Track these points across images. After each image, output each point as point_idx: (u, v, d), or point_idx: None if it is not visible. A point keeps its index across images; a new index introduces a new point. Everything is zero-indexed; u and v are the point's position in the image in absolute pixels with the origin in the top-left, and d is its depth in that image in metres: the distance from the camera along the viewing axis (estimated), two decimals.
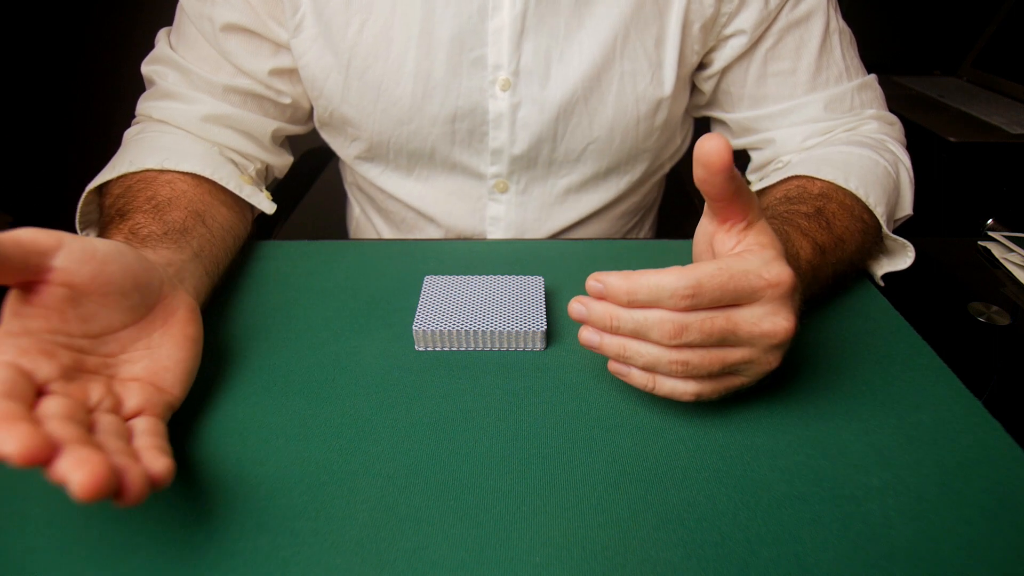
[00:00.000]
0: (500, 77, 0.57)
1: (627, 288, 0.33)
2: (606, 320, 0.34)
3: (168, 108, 0.57)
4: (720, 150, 0.30)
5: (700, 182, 0.32)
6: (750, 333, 0.33)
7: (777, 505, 0.33)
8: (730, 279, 0.32)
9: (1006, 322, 0.63)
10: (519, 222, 0.67)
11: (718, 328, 0.32)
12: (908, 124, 1.17)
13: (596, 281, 0.34)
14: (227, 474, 0.34)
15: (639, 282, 0.32)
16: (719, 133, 0.31)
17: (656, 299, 0.32)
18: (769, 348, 0.34)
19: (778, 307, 0.33)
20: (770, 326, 0.33)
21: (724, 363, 0.34)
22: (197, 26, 0.56)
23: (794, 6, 0.57)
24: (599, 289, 0.34)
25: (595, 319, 0.34)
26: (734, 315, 0.33)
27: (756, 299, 0.33)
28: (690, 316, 0.32)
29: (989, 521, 0.32)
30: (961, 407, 0.39)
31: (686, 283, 0.31)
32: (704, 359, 0.33)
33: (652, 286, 0.32)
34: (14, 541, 0.31)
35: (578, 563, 0.30)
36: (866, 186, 0.51)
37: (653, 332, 0.33)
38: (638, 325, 0.33)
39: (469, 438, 0.37)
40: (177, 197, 0.49)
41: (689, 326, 0.32)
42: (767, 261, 0.33)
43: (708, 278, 0.32)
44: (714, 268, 0.32)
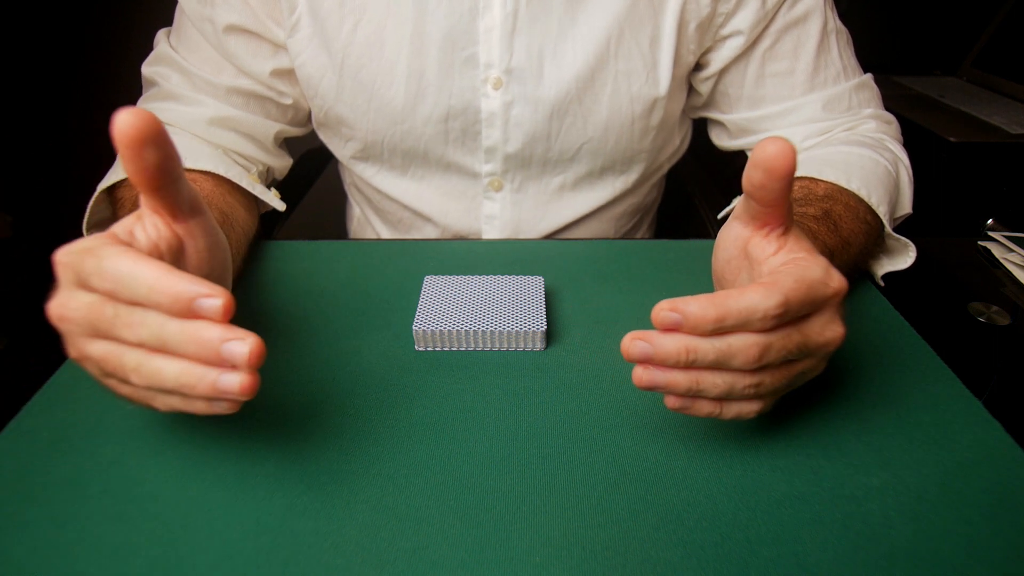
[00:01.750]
0: (492, 76, 0.57)
1: (716, 315, 0.29)
2: (681, 355, 0.29)
3: (172, 110, 0.57)
4: (786, 155, 0.28)
5: (755, 187, 0.30)
6: (817, 344, 0.32)
7: (777, 505, 0.33)
8: (808, 291, 0.30)
9: (1006, 322, 0.63)
10: (514, 220, 0.67)
11: (795, 344, 0.31)
12: (908, 124, 1.18)
13: (671, 311, 0.29)
14: (227, 474, 0.34)
15: (729, 306, 0.29)
16: (783, 137, 0.29)
17: (747, 323, 0.29)
18: (826, 356, 0.33)
19: (835, 314, 0.32)
20: (832, 335, 0.32)
21: (790, 377, 0.32)
22: (198, 28, 0.56)
23: (791, 6, 0.57)
24: (674, 320, 0.29)
25: (667, 356, 0.29)
26: (805, 328, 0.31)
27: (821, 309, 0.32)
28: (772, 336, 0.30)
29: (989, 521, 0.32)
30: (961, 407, 0.39)
31: (776, 301, 0.29)
32: (776, 377, 0.31)
33: (744, 308, 0.29)
34: (14, 541, 0.31)
35: (578, 563, 0.30)
36: (868, 186, 0.51)
37: (737, 359, 0.29)
38: (721, 354, 0.29)
39: (469, 438, 0.37)
40: (208, 196, 0.49)
41: (772, 346, 0.30)
42: (826, 269, 0.32)
43: (793, 293, 0.29)
44: (793, 282, 0.30)
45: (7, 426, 0.37)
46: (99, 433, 0.37)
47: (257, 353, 0.27)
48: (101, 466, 0.35)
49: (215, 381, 0.27)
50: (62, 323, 0.29)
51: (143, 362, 0.28)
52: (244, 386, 0.27)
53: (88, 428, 0.37)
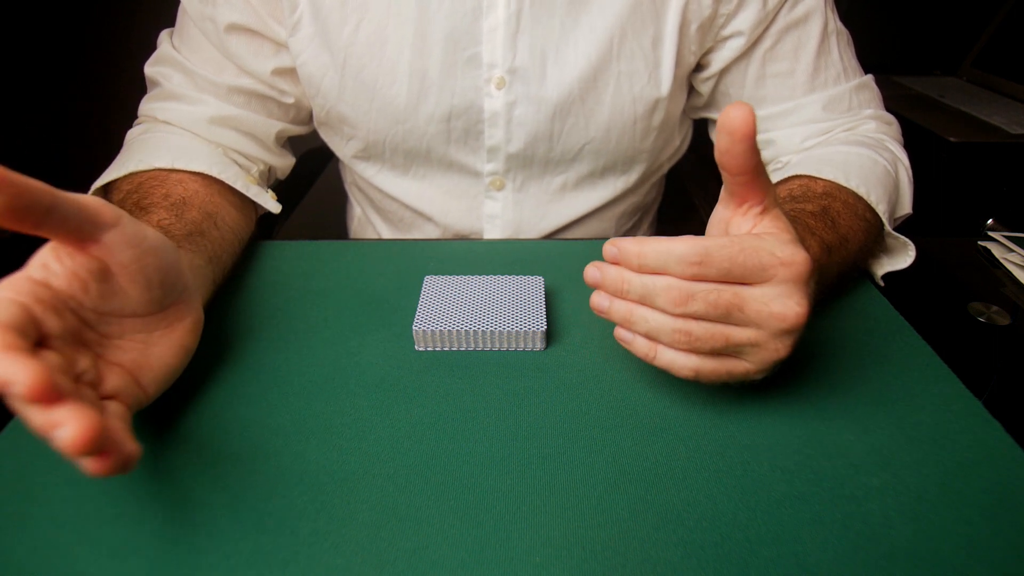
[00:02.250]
0: (495, 75, 0.57)
1: (637, 251, 0.33)
2: (618, 283, 0.34)
3: (173, 109, 0.57)
4: (745, 116, 0.30)
5: (722, 153, 0.32)
6: (758, 312, 0.32)
7: (777, 505, 0.33)
8: (740, 252, 0.32)
9: (1006, 322, 0.63)
10: (516, 220, 0.67)
11: (724, 301, 0.32)
12: (908, 124, 1.17)
13: (612, 245, 0.34)
14: (227, 474, 0.34)
15: (650, 246, 0.33)
16: (744, 102, 0.31)
17: (664, 264, 0.32)
18: (778, 333, 0.33)
19: (791, 290, 0.32)
20: (780, 308, 0.32)
21: (728, 341, 0.33)
22: (200, 27, 0.56)
23: (792, 7, 0.57)
24: (613, 253, 0.34)
25: (607, 283, 0.35)
26: (743, 291, 0.32)
27: (767, 278, 0.32)
28: (697, 285, 0.32)
29: (989, 521, 0.32)
30: (961, 407, 0.39)
31: (695, 250, 0.32)
32: (707, 332, 0.33)
33: (661, 251, 0.32)
34: (14, 541, 0.31)
35: (578, 563, 0.30)
36: (867, 185, 0.51)
37: (659, 298, 0.33)
38: (645, 289, 0.33)
39: (469, 438, 0.37)
40: (191, 197, 0.49)
41: (695, 295, 0.32)
42: (782, 242, 0.33)
43: (718, 248, 0.32)
44: (725, 240, 0.32)
45: (7, 426, 0.37)
46: None
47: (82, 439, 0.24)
48: None
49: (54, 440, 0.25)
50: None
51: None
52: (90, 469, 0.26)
53: None
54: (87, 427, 0.24)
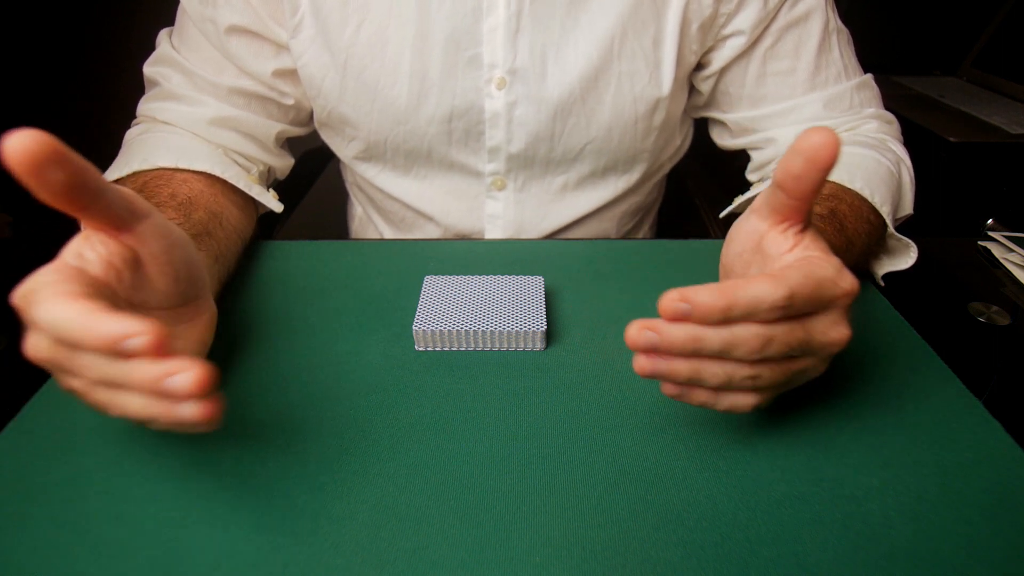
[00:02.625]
0: (496, 76, 0.57)
1: (724, 305, 0.29)
2: (687, 345, 0.29)
3: (173, 110, 0.57)
4: (831, 146, 0.28)
5: (792, 176, 0.30)
6: (820, 343, 0.32)
7: (777, 505, 0.33)
8: (815, 288, 0.30)
9: (1006, 322, 0.63)
10: (517, 220, 0.67)
11: (797, 339, 0.31)
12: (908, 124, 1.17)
13: (682, 301, 0.29)
14: (227, 474, 0.34)
15: (737, 296, 0.29)
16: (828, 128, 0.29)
17: (753, 313, 0.29)
18: (829, 356, 0.33)
19: (842, 315, 0.32)
20: (836, 335, 0.32)
21: (790, 373, 0.32)
22: (200, 28, 0.56)
23: (792, 6, 0.57)
24: (683, 310, 0.29)
25: (673, 345, 0.30)
26: (809, 325, 0.31)
27: (828, 308, 0.32)
28: (776, 329, 0.30)
29: (989, 521, 0.32)
30: (961, 407, 0.39)
31: (783, 294, 0.29)
32: (775, 371, 0.31)
33: (752, 299, 0.29)
34: (14, 541, 0.31)
35: (578, 563, 0.30)
36: (871, 186, 0.51)
37: (740, 349, 0.30)
38: (725, 344, 0.29)
39: (469, 438, 0.37)
40: (196, 197, 0.49)
41: (775, 339, 0.30)
42: (838, 269, 0.31)
43: (800, 287, 0.29)
44: (802, 277, 0.30)
45: (7, 426, 0.37)
46: (99, 433, 0.37)
47: (200, 382, 0.25)
48: (101, 466, 0.35)
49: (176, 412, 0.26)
50: (38, 363, 0.29)
51: (111, 398, 0.28)
52: (199, 415, 0.26)
53: (88, 428, 0.37)
54: (203, 369, 0.25)
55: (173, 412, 0.26)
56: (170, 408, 0.26)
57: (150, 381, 0.26)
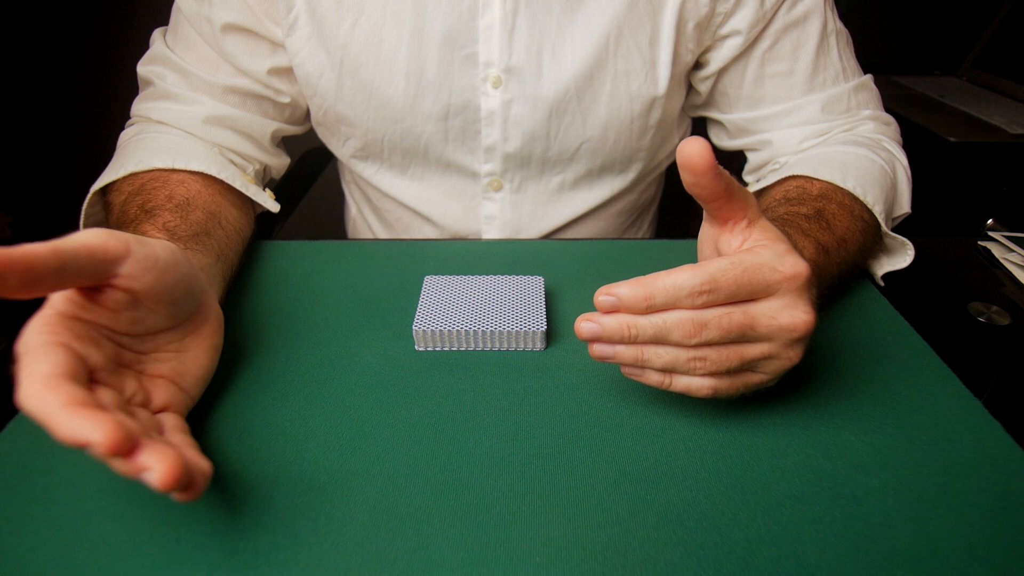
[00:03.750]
0: (491, 74, 0.57)
1: (644, 294, 0.32)
2: (623, 331, 0.33)
3: (168, 109, 0.57)
4: (701, 152, 0.30)
5: (689, 186, 0.32)
6: (769, 327, 0.32)
7: (777, 505, 0.33)
8: (743, 272, 0.31)
9: (1006, 322, 0.63)
10: (514, 220, 0.67)
11: (736, 323, 0.32)
12: (908, 124, 1.17)
13: (607, 295, 0.32)
14: (227, 474, 0.34)
15: (655, 285, 0.32)
16: (697, 136, 0.31)
17: (674, 300, 0.32)
18: (790, 342, 0.33)
19: (795, 300, 0.32)
20: (789, 319, 0.32)
21: (743, 359, 0.33)
22: (195, 27, 0.56)
23: (791, 7, 0.57)
24: (611, 303, 0.32)
25: (610, 333, 0.33)
26: (751, 309, 0.32)
27: (772, 293, 0.32)
28: (708, 313, 0.32)
29: (989, 521, 0.32)
30: (961, 407, 0.39)
31: (701, 279, 0.31)
32: (723, 355, 0.33)
33: (670, 287, 0.31)
34: (14, 541, 0.31)
35: (578, 563, 0.30)
36: (863, 185, 0.51)
37: (673, 334, 0.32)
38: (658, 330, 0.32)
39: (469, 438, 0.37)
40: (193, 197, 0.49)
41: (708, 323, 0.32)
42: (780, 254, 0.32)
43: (722, 272, 0.31)
44: (727, 263, 0.32)
45: (7, 426, 0.37)
46: None
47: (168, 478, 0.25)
48: (101, 466, 0.35)
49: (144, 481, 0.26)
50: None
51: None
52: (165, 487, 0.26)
53: None
54: (172, 466, 0.26)
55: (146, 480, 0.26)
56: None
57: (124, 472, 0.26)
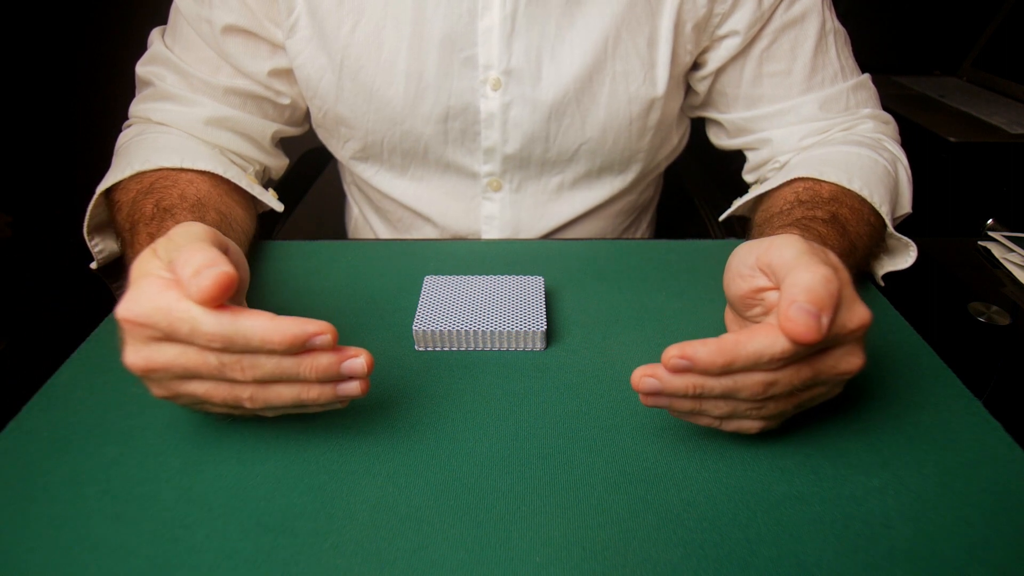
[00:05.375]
0: (491, 76, 0.57)
1: (724, 362, 0.30)
2: (689, 391, 0.31)
3: (168, 110, 0.57)
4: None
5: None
6: (828, 375, 0.32)
7: (777, 505, 0.33)
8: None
9: (1006, 322, 0.63)
10: (514, 220, 0.67)
11: (803, 379, 0.31)
12: (908, 124, 1.17)
13: (682, 358, 0.30)
14: (227, 474, 0.34)
15: (737, 353, 0.30)
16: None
17: (754, 366, 0.30)
18: (840, 383, 0.33)
19: (855, 346, 0.32)
20: (847, 366, 0.32)
21: (798, 403, 0.33)
22: (195, 28, 0.56)
23: (788, 7, 0.57)
24: (684, 367, 0.30)
25: (675, 391, 0.31)
26: (816, 363, 0.32)
27: (839, 344, 0.32)
28: (780, 373, 0.31)
29: (989, 521, 0.32)
30: (961, 407, 0.39)
31: (783, 347, 0.30)
32: (781, 404, 0.33)
33: (750, 355, 0.30)
34: (14, 541, 0.31)
35: (578, 563, 0.30)
36: (870, 186, 0.51)
37: (742, 393, 0.31)
38: (727, 391, 0.31)
39: (469, 438, 0.37)
40: (205, 197, 0.49)
41: (778, 382, 0.31)
42: (848, 307, 0.31)
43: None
44: None
45: (7, 426, 0.37)
46: (99, 433, 0.37)
47: (371, 363, 0.32)
48: (101, 466, 0.35)
49: (338, 392, 0.32)
50: (151, 374, 0.31)
51: (257, 392, 0.32)
52: (362, 388, 0.32)
53: (88, 428, 0.37)
54: (368, 354, 0.32)
55: (338, 391, 0.32)
56: (330, 390, 0.32)
57: (328, 366, 0.31)
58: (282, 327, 0.30)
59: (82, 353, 0.43)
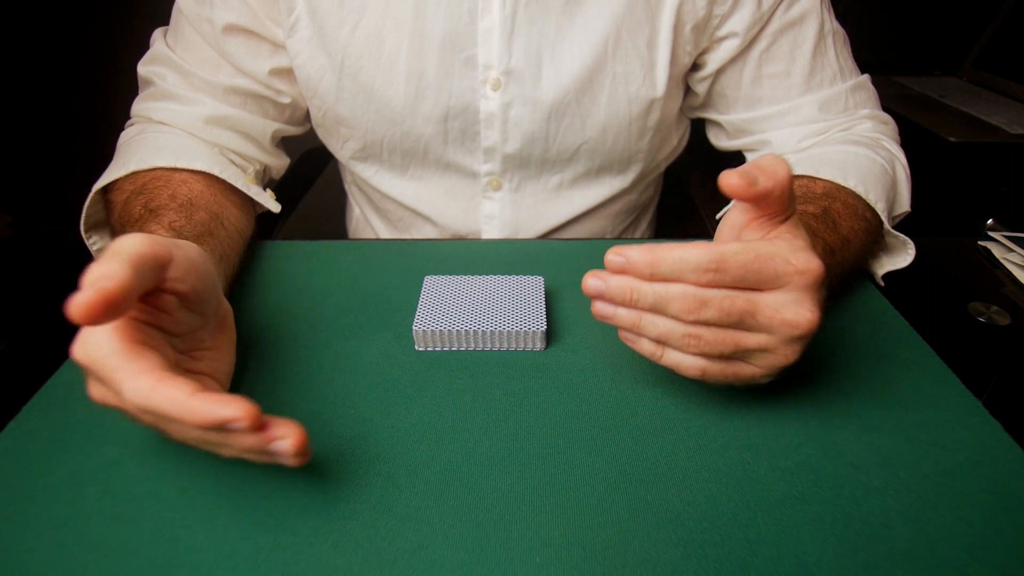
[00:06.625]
0: (491, 77, 0.57)
1: (650, 261, 0.32)
2: (625, 293, 0.33)
3: (169, 110, 0.57)
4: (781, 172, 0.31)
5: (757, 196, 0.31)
6: (770, 319, 0.32)
7: (777, 505, 0.33)
8: (755, 259, 0.31)
9: (1006, 322, 0.63)
10: (514, 220, 0.67)
11: (737, 308, 0.32)
12: (908, 124, 1.17)
13: (617, 255, 0.33)
14: (227, 474, 0.34)
15: (662, 255, 0.32)
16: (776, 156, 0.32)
17: (679, 272, 0.32)
18: (789, 339, 0.33)
19: (803, 296, 0.32)
20: (792, 315, 0.32)
21: (738, 346, 0.33)
22: (196, 28, 0.56)
23: (787, 8, 0.57)
24: (620, 263, 0.33)
25: (613, 293, 0.33)
26: (756, 298, 0.32)
27: (780, 285, 0.32)
28: (711, 292, 0.32)
29: (989, 521, 0.32)
30: (961, 407, 0.39)
31: (710, 257, 0.31)
32: (718, 337, 0.33)
33: (676, 259, 0.31)
34: (14, 541, 0.31)
35: (578, 563, 0.30)
36: (865, 184, 0.51)
37: (672, 306, 0.32)
38: (658, 298, 0.32)
39: (469, 438, 0.37)
40: (196, 197, 0.49)
41: (709, 302, 0.32)
42: (795, 249, 0.32)
43: (732, 255, 0.31)
44: (739, 246, 0.31)
45: (7, 426, 0.37)
46: (99, 433, 0.37)
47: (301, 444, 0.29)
48: (101, 466, 0.35)
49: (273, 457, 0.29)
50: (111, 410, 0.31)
51: (202, 442, 0.30)
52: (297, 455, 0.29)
53: (88, 428, 0.37)
54: (300, 432, 0.29)
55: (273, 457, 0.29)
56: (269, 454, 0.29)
57: (252, 445, 0.29)
58: (195, 408, 0.27)
59: None
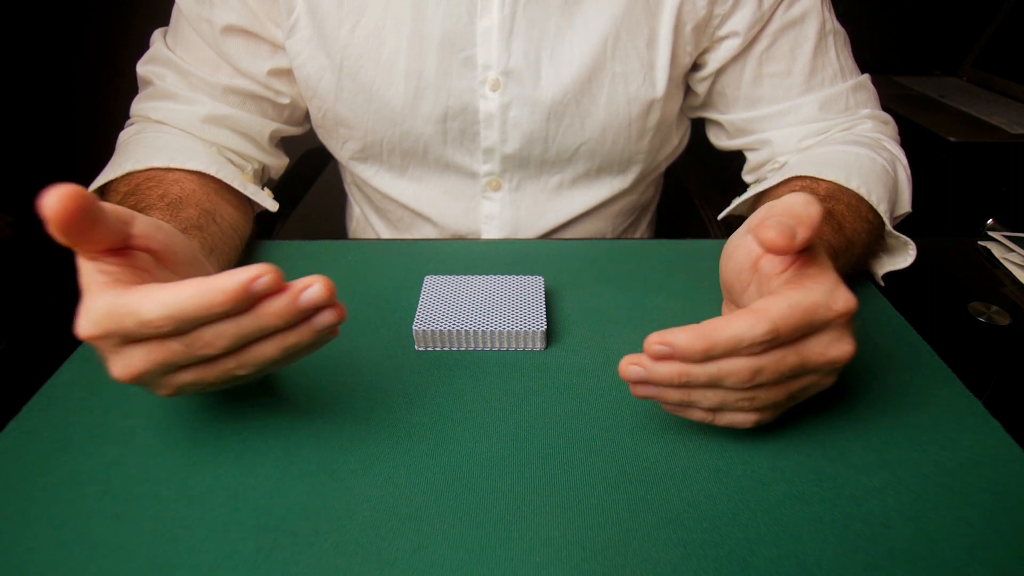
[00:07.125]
0: (490, 77, 0.57)
1: (703, 347, 0.30)
2: (674, 379, 0.31)
3: (167, 109, 0.57)
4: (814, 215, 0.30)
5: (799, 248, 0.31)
6: (817, 362, 0.32)
7: (777, 505, 0.33)
8: (803, 316, 0.30)
9: (1006, 322, 0.63)
10: (513, 220, 0.67)
11: (789, 366, 0.31)
12: (908, 124, 1.17)
13: (661, 344, 0.30)
14: (227, 474, 0.34)
15: (716, 338, 0.30)
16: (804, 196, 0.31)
17: (734, 351, 0.30)
18: (833, 371, 0.33)
19: (842, 333, 0.32)
20: (836, 353, 0.32)
21: (789, 393, 0.33)
22: (195, 28, 0.56)
23: (788, 7, 0.57)
24: (665, 352, 0.30)
25: (661, 379, 0.31)
26: (803, 349, 0.31)
27: (824, 329, 0.32)
28: (764, 358, 0.31)
29: (989, 521, 0.32)
30: (961, 407, 0.39)
31: (763, 330, 0.29)
32: (771, 393, 0.32)
33: (730, 339, 0.30)
34: (14, 541, 0.31)
35: (578, 563, 0.30)
36: (868, 185, 0.51)
37: (728, 381, 0.31)
38: (712, 378, 0.31)
39: (469, 438, 0.37)
40: (187, 195, 0.49)
41: (764, 369, 0.31)
42: (831, 290, 0.31)
43: (783, 320, 0.30)
44: (786, 308, 0.30)
45: (7, 426, 0.37)
46: (99, 433, 0.37)
47: (329, 287, 0.29)
48: (101, 466, 0.35)
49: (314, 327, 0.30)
50: (139, 380, 0.30)
51: (241, 359, 0.30)
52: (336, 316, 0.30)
53: (88, 428, 0.37)
54: (324, 278, 0.29)
55: (313, 326, 0.30)
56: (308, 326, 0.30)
57: (285, 307, 0.28)
58: (219, 285, 0.27)
59: (82, 353, 0.43)
